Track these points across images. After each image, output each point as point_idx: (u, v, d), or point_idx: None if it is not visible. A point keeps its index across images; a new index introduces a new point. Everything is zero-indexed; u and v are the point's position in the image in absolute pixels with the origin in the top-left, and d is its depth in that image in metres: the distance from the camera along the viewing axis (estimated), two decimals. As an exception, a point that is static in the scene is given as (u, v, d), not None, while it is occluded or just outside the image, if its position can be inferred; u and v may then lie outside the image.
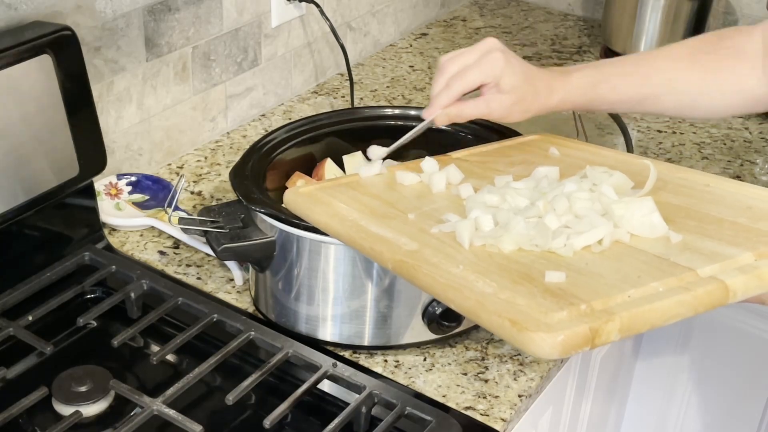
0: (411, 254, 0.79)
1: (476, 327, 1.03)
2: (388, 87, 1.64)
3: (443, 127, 1.04)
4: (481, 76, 0.97)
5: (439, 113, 0.98)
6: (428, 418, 0.89)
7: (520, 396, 0.96)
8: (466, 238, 0.80)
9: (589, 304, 0.69)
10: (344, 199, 0.92)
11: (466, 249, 0.79)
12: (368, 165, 1.00)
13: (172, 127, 1.35)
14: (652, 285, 0.72)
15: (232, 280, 1.11)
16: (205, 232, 0.99)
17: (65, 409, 0.90)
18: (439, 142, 1.08)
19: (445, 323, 0.98)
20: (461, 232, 0.81)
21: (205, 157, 1.38)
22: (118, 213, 1.21)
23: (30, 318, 0.99)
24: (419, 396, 0.95)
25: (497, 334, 0.70)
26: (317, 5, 1.49)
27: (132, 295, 1.02)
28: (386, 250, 0.81)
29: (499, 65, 0.96)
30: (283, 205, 0.96)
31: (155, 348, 1.00)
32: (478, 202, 0.86)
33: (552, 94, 1.00)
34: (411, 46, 1.81)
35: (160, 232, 1.20)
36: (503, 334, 0.69)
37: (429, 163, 0.98)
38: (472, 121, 1.06)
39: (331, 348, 1.00)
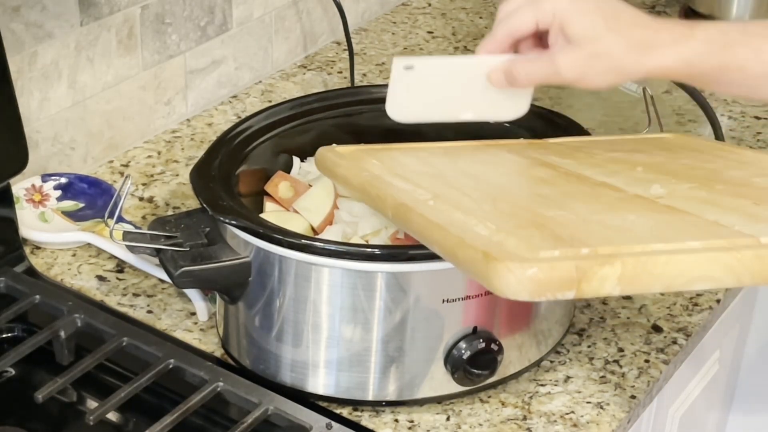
0: (417, 201, 0.85)
1: (515, 377, 1.03)
2: (399, 59, 1.64)
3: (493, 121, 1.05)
4: (533, 15, 0.95)
5: (493, 71, 0.98)
6: (453, 496, 0.89)
7: (574, 468, 0.96)
8: None
9: (594, 249, 0.71)
10: (382, 158, 0.97)
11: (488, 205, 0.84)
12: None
13: (114, 113, 1.35)
14: (690, 243, 0.72)
15: (193, 314, 1.12)
16: (159, 250, 0.99)
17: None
18: (484, 137, 1.08)
19: (475, 371, 0.98)
20: None
21: (159, 153, 1.39)
22: (44, 226, 1.21)
23: (-75, 365, 0.99)
24: (441, 468, 0.95)
25: (471, 275, 0.74)
26: (306, -49, 1.50)
27: (62, 334, 1.02)
28: (392, 196, 0.86)
29: (562, 2, 0.93)
30: (312, 160, 1.01)
31: (92, 404, 1.00)
32: None
33: (656, 50, 0.93)
34: (430, 5, 1.82)
35: (99, 251, 1.20)
36: (475, 271, 0.73)
37: None
38: (532, 112, 1.04)
39: (324, 404, 1.00)
